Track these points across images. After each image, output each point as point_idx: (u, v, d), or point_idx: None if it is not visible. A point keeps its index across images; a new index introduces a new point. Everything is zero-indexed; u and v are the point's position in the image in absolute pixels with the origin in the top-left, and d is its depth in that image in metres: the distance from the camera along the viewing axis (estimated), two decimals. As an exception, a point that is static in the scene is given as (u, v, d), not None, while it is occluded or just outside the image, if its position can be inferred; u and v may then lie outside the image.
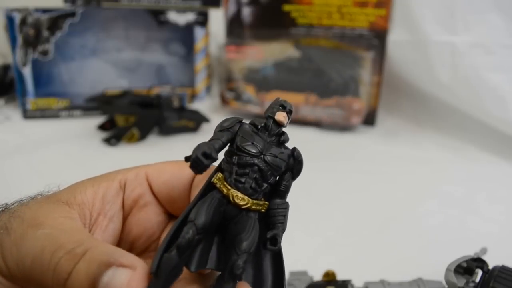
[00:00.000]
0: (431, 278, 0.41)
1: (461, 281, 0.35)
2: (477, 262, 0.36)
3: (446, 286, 0.36)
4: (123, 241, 0.30)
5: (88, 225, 0.28)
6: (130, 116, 0.88)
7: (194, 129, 0.93)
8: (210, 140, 0.26)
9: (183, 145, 0.88)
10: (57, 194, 0.28)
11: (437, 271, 0.38)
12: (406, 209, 0.66)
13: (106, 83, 1.05)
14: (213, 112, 1.05)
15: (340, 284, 0.42)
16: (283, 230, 0.26)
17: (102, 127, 0.92)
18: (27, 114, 1.00)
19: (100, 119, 0.93)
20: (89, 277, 0.22)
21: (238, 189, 0.26)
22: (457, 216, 0.65)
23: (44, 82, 1.00)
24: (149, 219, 0.30)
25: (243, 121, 0.28)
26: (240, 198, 0.26)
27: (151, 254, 0.30)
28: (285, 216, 0.27)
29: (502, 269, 0.35)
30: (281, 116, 0.27)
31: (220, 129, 0.27)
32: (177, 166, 0.31)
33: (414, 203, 0.68)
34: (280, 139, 0.28)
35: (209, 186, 0.27)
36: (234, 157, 0.26)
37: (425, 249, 0.56)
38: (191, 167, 0.24)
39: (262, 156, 0.27)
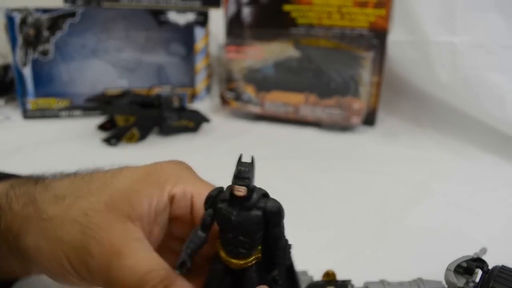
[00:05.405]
0: (431, 278, 0.41)
1: (461, 281, 0.35)
2: (477, 262, 0.36)
3: (446, 286, 0.36)
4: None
5: (146, 237, 0.30)
6: (130, 116, 0.88)
7: (194, 129, 0.93)
8: None
9: (183, 145, 0.88)
10: (116, 202, 0.30)
11: (437, 271, 0.38)
12: (406, 209, 0.66)
13: (106, 83, 1.05)
14: (213, 112, 1.05)
15: (340, 284, 0.42)
16: (282, 267, 0.27)
17: (102, 127, 0.92)
18: (27, 114, 1.00)
19: (100, 119, 0.93)
20: None
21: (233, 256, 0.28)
22: (457, 216, 0.65)
23: (44, 82, 1.00)
24: (179, 232, 0.34)
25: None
26: (234, 264, 0.28)
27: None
28: (282, 257, 0.28)
29: (502, 269, 0.34)
30: (237, 191, 0.25)
31: None
32: None
33: (414, 202, 0.68)
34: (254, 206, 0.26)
35: None
36: None
37: (425, 249, 0.56)
38: None
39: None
